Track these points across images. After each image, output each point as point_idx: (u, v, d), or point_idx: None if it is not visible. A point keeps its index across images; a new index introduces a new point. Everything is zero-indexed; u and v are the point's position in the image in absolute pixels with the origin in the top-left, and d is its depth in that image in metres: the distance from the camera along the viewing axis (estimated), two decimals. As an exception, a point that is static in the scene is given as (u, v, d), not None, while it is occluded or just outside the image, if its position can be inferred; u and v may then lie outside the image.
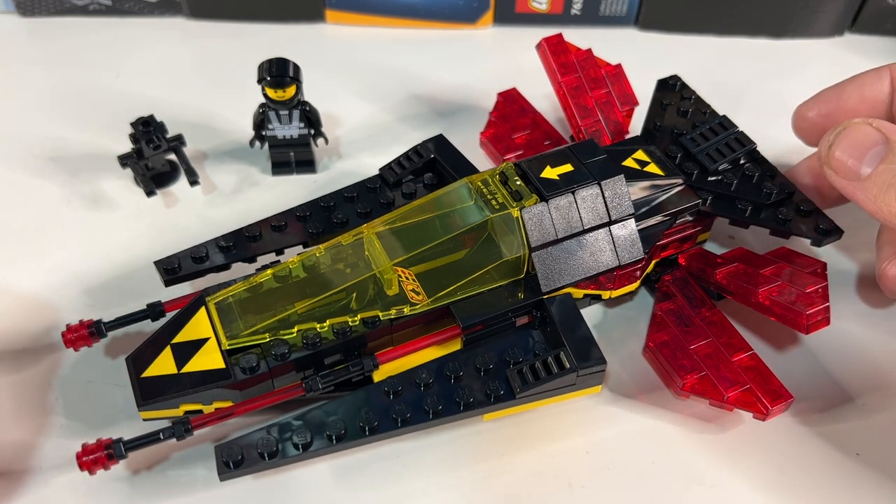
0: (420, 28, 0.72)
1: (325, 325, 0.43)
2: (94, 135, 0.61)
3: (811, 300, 0.45)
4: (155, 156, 0.56)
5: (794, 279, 0.46)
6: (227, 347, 0.42)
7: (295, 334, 0.43)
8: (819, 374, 0.48)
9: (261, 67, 0.53)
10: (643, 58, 0.59)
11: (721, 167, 0.51)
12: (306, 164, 0.59)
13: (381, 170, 0.53)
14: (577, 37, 0.60)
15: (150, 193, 0.56)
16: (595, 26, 0.72)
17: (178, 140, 0.57)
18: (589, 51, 0.57)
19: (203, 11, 0.71)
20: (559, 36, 0.56)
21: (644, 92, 0.58)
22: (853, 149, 0.42)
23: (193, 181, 0.56)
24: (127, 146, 0.56)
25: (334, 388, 0.43)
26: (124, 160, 0.56)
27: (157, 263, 0.47)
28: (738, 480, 0.43)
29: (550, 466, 0.43)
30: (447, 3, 0.71)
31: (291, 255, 0.47)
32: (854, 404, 0.47)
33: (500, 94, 0.62)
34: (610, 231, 0.46)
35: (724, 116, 0.53)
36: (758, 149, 0.52)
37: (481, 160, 0.59)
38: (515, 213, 0.44)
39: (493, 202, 0.45)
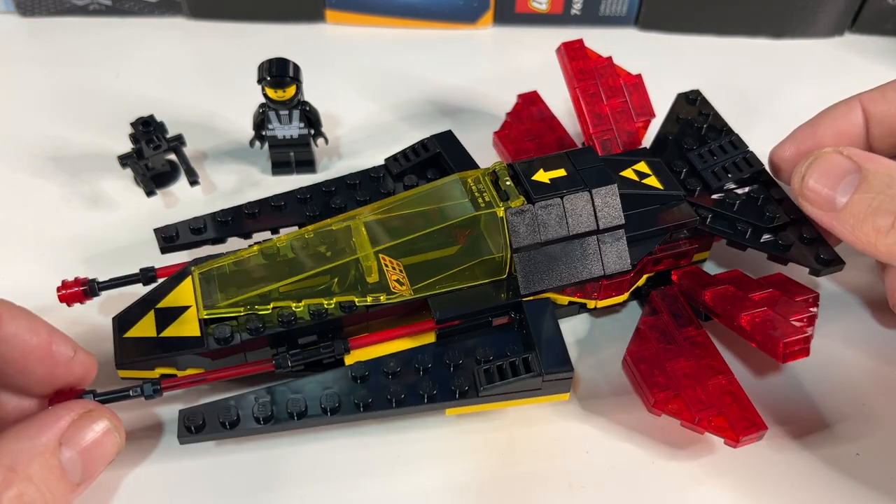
0: (420, 28, 0.72)
1: (300, 304, 0.44)
2: (94, 135, 0.61)
3: (792, 329, 0.44)
4: (155, 156, 0.56)
5: (782, 307, 0.46)
6: (204, 317, 0.43)
7: (270, 311, 0.43)
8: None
9: (261, 67, 0.53)
10: (643, 58, 0.59)
11: (725, 186, 0.50)
12: (306, 164, 0.59)
13: (386, 160, 0.53)
14: (577, 36, 0.59)
15: (150, 193, 0.56)
16: (595, 26, 0.72)
17: (178, 140, 0.57)
18: (609, 59, 0.56)
19: (203, 11, 0.71)
20: (580, 41, 0.55)
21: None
22: (826, 179, 0.42)
23: (193, 181, 0.56)
24: (127, 146, 0.56)
25: (304, 367, 0.44)
26: (124, 160, 0.56)
27: (157, 231, 0.49)
28: (738, 482, 0.43)
29: (550, 466, 0.43)
30: (447, 3, 0.71)
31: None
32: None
33: (521, 96, 0.61)
34: (598, 240, 0.46)
35: (737, 136, 0.53)
36: (766, 168, 0.51)
37: (485, 160, 0.59)
38: (500, 212, 0.44)
39: (481, 200, 0.45)
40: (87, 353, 0.40)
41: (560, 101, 0.61)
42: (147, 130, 0.55)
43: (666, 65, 0.61)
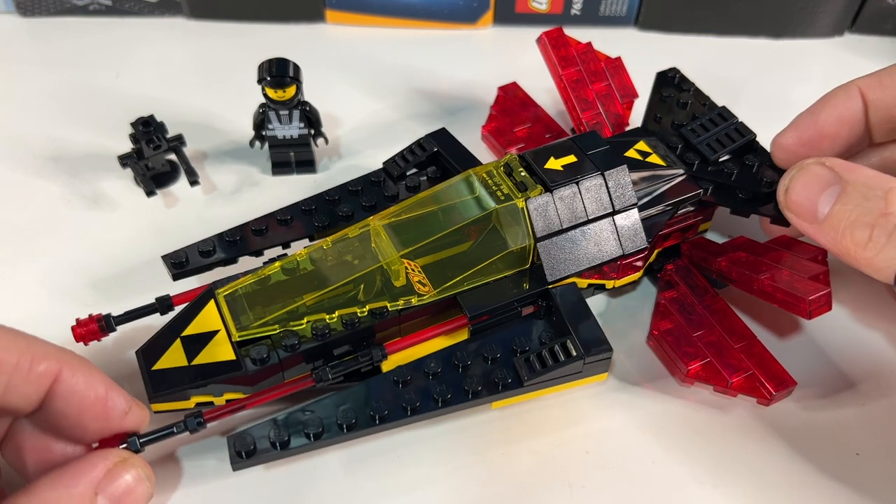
0: (420, 28, 0.72)
1: (334, 316, 0.43)
2: (94, 135, 0.61)
3: (813, 286, 0.45)
4: (155, 156, 0.56)
5: (796, 266, 0.47)
6: (238, 339, 0.42)
7: (304, 325, 0.43)
8: (819, 361, 0.49)
9: (261, 67, 0.53)
10: (643, 58, 0.59)
11: (721, 157, 0.51)
12: (306, 164, 0.59)
13: (384, 163, 0.54)
14: (577, 37, 0.60)
15: (150, 193, 0.56)
16: (595, 26, 0.72)
17: (178, 140, 0.57)
18: (589, 44, 0.57)
19: (203, 11, 0.71)
20: (559, 29, 0.57)
21: (644, 92, 0.58)
22: (808, 191, 0.42)
23: (193, 181, 0.56)
24: (127, 146, 0.56)
25: (344, 378, 0.44)
26: (124, 160, 0.56)
27: (165, 258, 0.47)
28: (738, 481, 0.43)
29: (550, 466, 0.43)
30: (447, 3, 0.71)
31: (298, 249, 0.47)
32: (855, 391, 0.47)
33: (501, 88, 0.62)
34: (614, 221, 0.47)
35: (724, 107, 0.54)
36: (757, 139, 0.53)
37: (483, 156, 0.59)
38: (521, 203, 0.45)
39: (499, 193, 0.45)
40: (141, 407, 0.40)
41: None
42: (147, 130, 0.55)
43: (666, 65, 0.61)
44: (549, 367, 0.43)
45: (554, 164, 0.46)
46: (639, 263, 0.49)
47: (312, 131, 0.57)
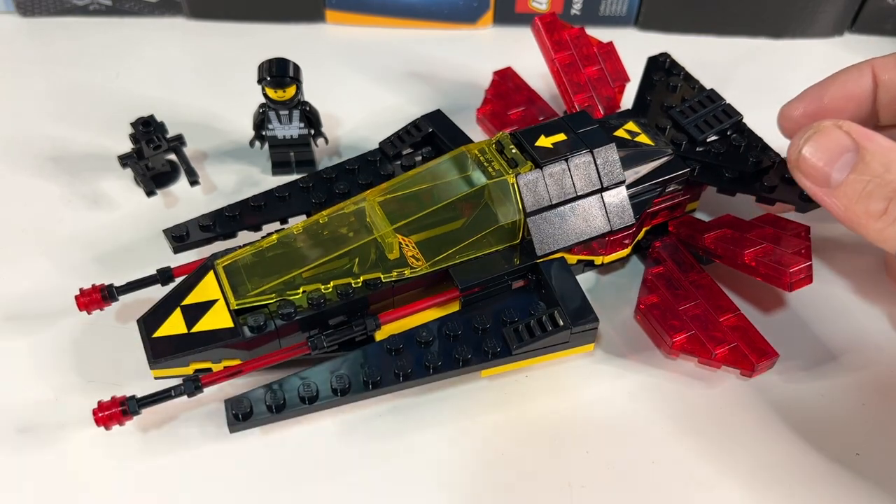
0: (420, 28, 0.72)
1: (329, 286, 0.44)
2: (94, 135, 0.61)
3: (794, 260, 0.46)
4: (155, 156, 0.56)
5: (779, 241, 0.48)
6: (236, 307, 0.44)
7: (300, 295, 0.44)
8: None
9: (261, 67, 0.53)
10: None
11: (709, 138, 0.52)
12: (306, 164, 0.59)
13: (380, 143, 0.55)
14: (577, 37, 0.60)
15: (150, 193, 0.56)
16: (595, 26, 0.72)
17: (178, 140, 0.57)
18: (581, 29, 0.59)
19: (203, 11, 0.71)
20: (553, 14, 0.58)
21: (638, 80, 0.58)
22: (823, 154, 0.42)
23: (193, 181, 0.56)
24: (127, 146, 0.56)
25: (338, 347, 0.45)
26: (124, 160, 0.56)
27: (166, 231, 0.49)
28: (735, 482, 0.43)
29: (550, 466, 0.43)
30: (447, 3, 0.71)
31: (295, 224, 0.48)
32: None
33: (496, 73, 0.64)
34: (602, 197, 0.48)
35: (712, 90, 0.55)
36: (744, 121, 0.53)
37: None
38: (511, 179, 0.46)
39: (490, 169, 0.46)
40: None
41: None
42: (147, 130, 0.55)
43: (666, 65, 0.61)
44: (536, 336, 0.44)
45: (544, 141, 0.47)
46: (627, 241, 0.50)
47: (312, 131, 0.57)
